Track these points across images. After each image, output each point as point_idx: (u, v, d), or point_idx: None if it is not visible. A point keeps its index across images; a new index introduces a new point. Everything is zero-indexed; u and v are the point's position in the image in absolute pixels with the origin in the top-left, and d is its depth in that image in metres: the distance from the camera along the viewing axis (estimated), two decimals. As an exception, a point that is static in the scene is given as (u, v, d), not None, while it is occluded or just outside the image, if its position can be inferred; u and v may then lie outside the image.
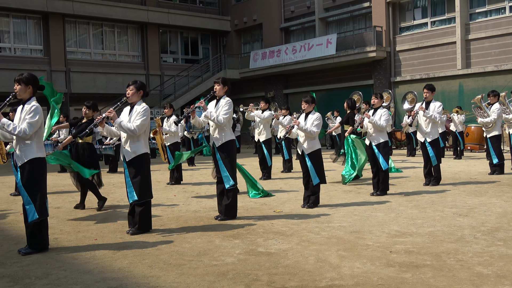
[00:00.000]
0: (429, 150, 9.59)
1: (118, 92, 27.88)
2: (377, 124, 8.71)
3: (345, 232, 5.94)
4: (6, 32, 25.77)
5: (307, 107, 7.82)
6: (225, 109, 6.82)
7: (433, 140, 9.57)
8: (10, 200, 9.47)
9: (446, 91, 23.01)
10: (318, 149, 7.74)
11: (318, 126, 7.67)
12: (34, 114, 5.21)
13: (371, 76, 25.63)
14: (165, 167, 15.09)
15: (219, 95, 6.97)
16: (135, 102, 6.20)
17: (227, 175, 6.80)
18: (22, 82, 5.31)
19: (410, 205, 7.64)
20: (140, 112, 6.07)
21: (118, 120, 5.99)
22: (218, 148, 6.86)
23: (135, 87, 6.18)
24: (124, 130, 6.02)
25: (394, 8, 24.88)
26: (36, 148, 5.29)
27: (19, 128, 5.13)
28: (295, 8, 29.46)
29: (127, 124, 6.00)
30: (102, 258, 5.07)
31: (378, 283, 4.08)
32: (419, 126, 9.75)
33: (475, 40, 22.08)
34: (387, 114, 8.78)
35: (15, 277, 4.52)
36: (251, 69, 29.79)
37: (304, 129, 7.62)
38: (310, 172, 7.69)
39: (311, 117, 7.76)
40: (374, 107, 8.96)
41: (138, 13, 28.79)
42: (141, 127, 6.02)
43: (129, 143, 6.10)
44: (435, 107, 9.47)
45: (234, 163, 6.96)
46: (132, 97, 6.17)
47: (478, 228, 5.93)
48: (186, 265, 4.72)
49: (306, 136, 7.72)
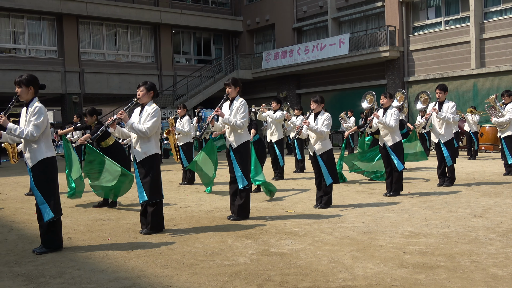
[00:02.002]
0: (444, 151, 9.50)
1: (131, 93, 28.02)
2: (387, 124, 8.59)
3: (358, 232, 5.92)
4: (21, 34, 26.03)
5: (316, 107, 7.77)
6: (241, 112, 6.83)
7: (447, 141, 9.49)
8: (25, 200, 9.56)
9: (460, 91, 22.82)
10: (330, 149, 7.74)
11: (327, 126, 7.66)
12: (38, 115, 5.23)
13: (384, 76, 25.49)
14: (178, 167, 15.14)
15: (231, 96, 6.97)
16: (145, 103, 6.22)
17: (241, 175, 6.82)
18: (23, 84, 5.29)
19: (424, 206, 7.59)
20: (150, 113, 6.08)
21: (129, 122, 6.01)
22: (234, 150, 6.88)
23: (146, 88, 6.18)
24: (135, 132, 6.04)
25: (407, 8, 24.73)
26: (45, 148, 5.32)
27: (26, 131, 5.17)
28: (308, 8, 29.40)
29: (138, 126, 6.02)
30: (115, 258, 5.10)
31: (392, 284, 4.05)
32: (433, 127, 9.66)
33: (490, 39, 21.86)
34: (396, 114, 8.67)
35: (30, 276, 4.57)
36: (263, 69, 29.78)
37: (314, 129, 7.61)
38: (323, 172, 7.68)
39: (321, 117, 7.74)
40: (383, 106, 8.84)
41: (151, 14, 28.93)
42: (152, 129, 6.03)
43: (140, 143, 6.12)
44: (449, 108, 9.38)
45: (249, 163, 7.01)
46: (142, 98, 6.18)
47: (493, 229, 5.88)
48: (198, 265, 4.74)
49: (317, 137, 7.71)
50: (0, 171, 16.59)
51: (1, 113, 5.20)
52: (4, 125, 5.16)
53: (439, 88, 9.54)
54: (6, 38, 25.65)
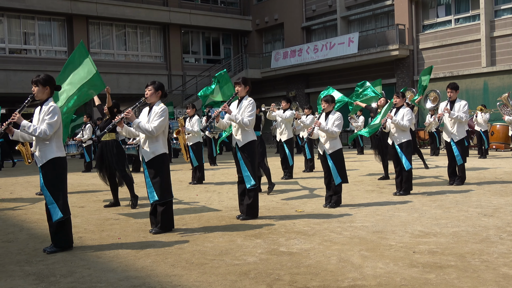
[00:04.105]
0: (454, 149, 9.43)
1: (141, 93, 27.89)
2: (400, 124, 8.56)
3: (368, 232, 5.90)
4: (31, 34, 26.23)
5: (327, 107, 7.75)
6: (249, 110, 6.84)
7: (459, 140, 9.43)
8: (36, 199, 9.63)
9: (470, 90, 22.68)
10: (339, 148, 7.70)
11: (339, 126, 7.63)
12: (53, 115, 5.28)
13: (393, 75, 25.38)
14: (187, 166, 15.18)
15: (241, 95, 7.00)
16: (153, 103, 6.24)
17: (248, 175, 6.82)
18: (40, 84, 5.38)
19: (434, 205, 7.55)
20: (158, 112, 6.10)
21: (136, 121, 6.02)
22: (240, 149, 6.88)
23: (154, 88, 6.22)
24: (142, 131, 6.06)
25: (417, 6, 24.61)
26: (55, 148, 5.36)
27: (39, 130, 5.22)
28: (317, 7, 29.35)
29: (145, 125, 6.03)
30: (125, 257, 5.12)
31: (401, 283, 4.04)
32: (444, 126, 9.57)
33: (500, 38, 21.70)
34: (410, 114, 8.62)
35: (40, 275, 4.60)
36: (272, 69, 29.77)
37: (325, 130, 7.58)
38: (332, 172, 7.65)
39: (332, 117, 7.70)
40: (396, 106, 8.79)
41: (160, 14, 29.02)
42: (159, 128, 6.05)
43: (148, 143, 6.14)
44: (460, 107, 9.30)
45: (256, 163, 6.97)
46: (150, 97, 6.21)
47: (504, 229, 5.83)
48: (208, 264, 4.75)
49: (328, 136, 7.68)
50: (11, 171, 16.72)
51: (15, 111, 5.28)
52: (18, 122, 5.23)
53: (450, 87, 9.44)
54: (17, 39, 25.86)
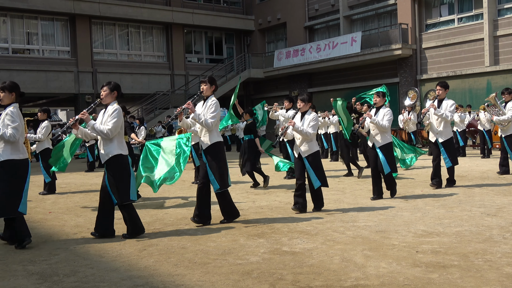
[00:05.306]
0: (442, 152, 9.08)
1: (144, 92, 28.18)
2: (380, 124, 8.09)
3: (371, 231, 5.89)
4: (34, 34, 26.27)
5: (303, 106, 7.31)
6: (211, 111, 6.48)
7: (446, 141, 9.06)
8: (39, 199, 9.64)
9: (473, 89, 22.62)
10: (316, 151, 7.30)
11: (314, 127, 7.18)
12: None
13: (396, 74, 25.35)
14: (189, 166, 15.19)
15: (206, 94, 6.66)
16: (109, 103, 6.10)
17: (213, 178, 6.49)
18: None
19: (437, 205, 7.54)
20: (111, 113, 5.96)
21: (91, 123, 5.95)
22: (205, 151, 6.58)
23: (109, 88, 6.06)
24: (97, 133, 5.95)
25: (420, 5, 24.55)
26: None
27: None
28: (319, 7, 29.32)
29: (100, 127, 5.92)
30: (128, 257, 5.13)
31: (404, 283, 4.03)
32: (431, 125, 9.21)
33: (504, 37, 21.64)
34: (390, 114, 8.19)
35: (43, 274, 4.61)
36: (275, 68, 29.77)
37: (299, 130, 7.15)
38: (310, 175, 7.28)
39: (307, 117, 7.27)
40: (376, 106, 8.34)
41: (163, 14, 29.04)
42: (114, 130, 5.91)
43: (102, 145, 6.04)
44: (448, 105, 8.95)
45: (223, 165, 6.58)
46: (106, 98, 6.05)
47: (507, 228, 5.82)
48: (211, 264, 4.75)
49: (302, 138, 7.27)
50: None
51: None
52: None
53: (440, 85, 9.10)
54: (20, 39, 25.90)
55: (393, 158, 8.31)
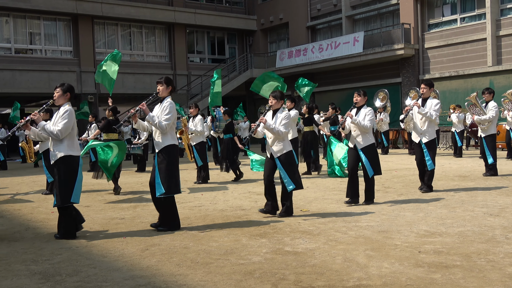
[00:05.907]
0: (425, 153, 8.62)
1: (146, 92, 28.16)
2: (361, 124, 7.67)
3: (373, 231, 5.89)
4: (37, 34, 26.32)
5: (275, 104, 6.93)
6: (166, 113, 6.30)
7: (429, 141, 8.63)
8: (42, 199, 9.66)
9: (476, 89, 22.48)
10: (289, 151, 6.91)
11: (286, 126, 6.82)
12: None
13: (399, 74, 25.32)
14: (192, 166, 15.19)
15: (162, 95, 6.44)
16: (61, 105, 6.14)
17: (159, 182, 6.21)
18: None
19: (440, 205, 7.53)
20: (62, 114, 6.01)
21: (42, 123, 6.00)
22: (157, 153, 6.35)
23: (62, 90, 6.12)
24: (47, 133, 6.01)
25: (422, 5, 24.52)
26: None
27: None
28: (322, 7, 29.30)
29: (50, 127, 5.97)
30: (130, 256, 5.13)
31: (407, 283, 4.03)
32: (414, 125, 8.80)
33: (507, 36, 21.60)
34: (372, 114, 7.83)
35: (46, 274, 4.62)
36: (277, 68, 29.74)
37: (271, 128, 6.78)
38: (282, 176, 6.89)
39: (280, 115, 6.90)
40: (357, 105, 7.94)
41: (165, 14, 29.06)
42: (64, 130, 5.94)
43: (53, 145, 6.07)
44: (432, 105, 8.52)
45: (172, 169, 6.29)
46: (58, 99, 6.12)
47: (510, 228, 5.81)
48: (213, 264, 4.75)
49: (274, 137, 6.90)
50: (17, 171, 16.78)
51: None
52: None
53: (425, 83, 8.71)
54: (23, 39, 25.95)
55: (377, 160, 7.84)
